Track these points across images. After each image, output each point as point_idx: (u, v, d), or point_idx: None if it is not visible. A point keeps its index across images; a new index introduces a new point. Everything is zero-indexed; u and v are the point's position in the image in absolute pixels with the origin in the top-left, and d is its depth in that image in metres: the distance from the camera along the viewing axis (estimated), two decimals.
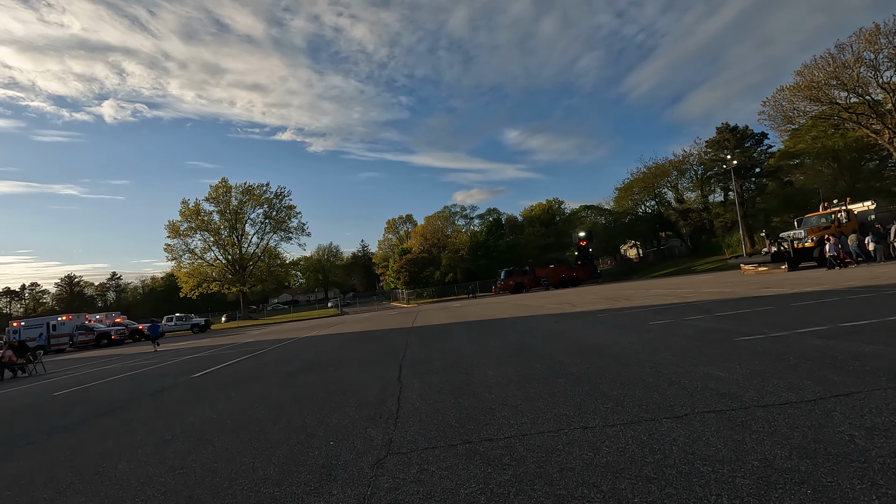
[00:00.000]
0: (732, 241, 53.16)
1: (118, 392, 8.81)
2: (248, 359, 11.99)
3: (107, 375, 12.47)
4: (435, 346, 9.29)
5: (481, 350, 7.99)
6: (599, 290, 26.67)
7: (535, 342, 8.09)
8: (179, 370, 11.36)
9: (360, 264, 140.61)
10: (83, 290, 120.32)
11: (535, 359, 6.47)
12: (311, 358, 10.18)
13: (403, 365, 7.39)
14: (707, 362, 5.03)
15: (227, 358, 13.02)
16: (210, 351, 16.99)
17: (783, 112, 36.66)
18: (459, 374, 6.04)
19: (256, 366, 10.10)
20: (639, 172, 62.39)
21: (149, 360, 16.48)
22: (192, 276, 62.22)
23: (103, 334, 34.93)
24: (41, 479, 3.92)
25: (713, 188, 58.14)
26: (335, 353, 10.42)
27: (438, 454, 3.29)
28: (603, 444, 3.10)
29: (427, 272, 69.06)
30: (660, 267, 60.29)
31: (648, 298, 15.34)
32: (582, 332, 8.77)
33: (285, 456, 3.67)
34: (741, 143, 47.55)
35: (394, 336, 13.05)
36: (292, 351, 12.75)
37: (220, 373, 9.67)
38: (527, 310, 16.91)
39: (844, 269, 19.33)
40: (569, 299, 20.15)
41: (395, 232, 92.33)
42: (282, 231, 67.59)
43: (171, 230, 61.86)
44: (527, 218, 75.38)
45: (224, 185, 63.54)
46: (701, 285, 19.35)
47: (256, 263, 66.80)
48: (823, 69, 31.63)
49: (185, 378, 9.50)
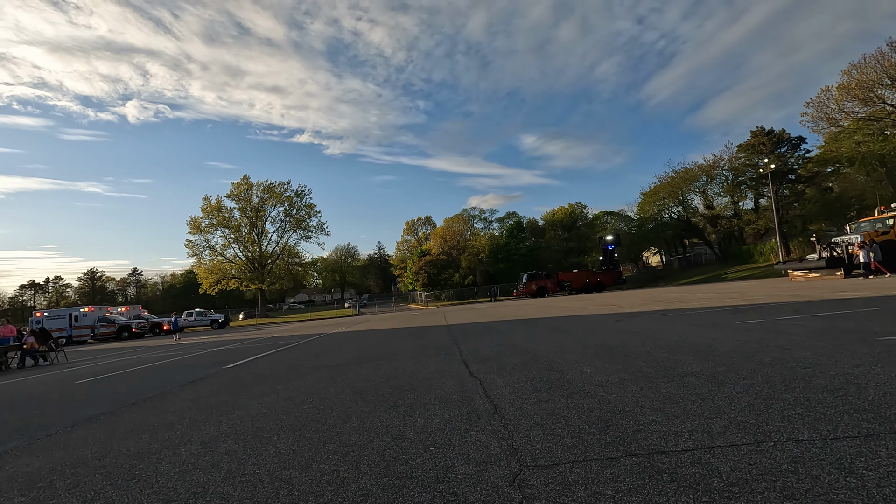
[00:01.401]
0: (765, 248, 51.24)
1: (148, 382, 8.08)
2: (281, 352, 11.22)
3: (132, 365, 11.81)
4: (492, 342, 8.37)
5: (555, 346, 7.04)
6: (637, 295, 25.47)
7: (615, 339, 7.12)
8: (210, 361, 10.63)
9: (376, 266, 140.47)
10: (105, 284, 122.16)
11: (631, 356, 5.51)
12: (356, 352, 9.34)
13: (467, 360, 6.49)
14: (878, 363, 4.03)
15: (256, 351, 12.28)
16: (235, 344, 16.32)
17: (826, 114, 35.03)
18: (547, 371, 5.11)
19: (292, 358, 9.30)
20: (666, 177, 60.78)
21: (173, 351, 15.87)
22: (212, 273, 62.33)
23: (124, 327, 34.78)
24: (63, 482, 3.09)
25: (744, 194, 56.24)
26: (380, 348, 9.56)
27: (600, 469, 2.38)
28: (854, 464, 2.15)
29: (446, 274, 68.19)
30: (687, 274, 58.46)
31: (705, 301, 14.21)
32: (663, 330, 7.77)
33: (376, 464, 2.79)
34: (777, 147, 45.73)
35: (433, 333, 12.17)
36: (327, 345, 11.95)
37: (255, 364, 8.89)
38: (568, 311, 15.90)
39: (877, 278, 18.29)
40: (611, 301, 19.05)
41: (413, 233, 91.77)
42: (301, 230, 67.48)
43: (193, 226, 62.13)
44: (548, 221, 74.11)
45: (246, 183, 63.67)
46: (754, 290, 18.11)
47: (276, 262, 66.71)
48: (874, 68, 30.03)
49: (217, 369, 8.73)
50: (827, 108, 33.72)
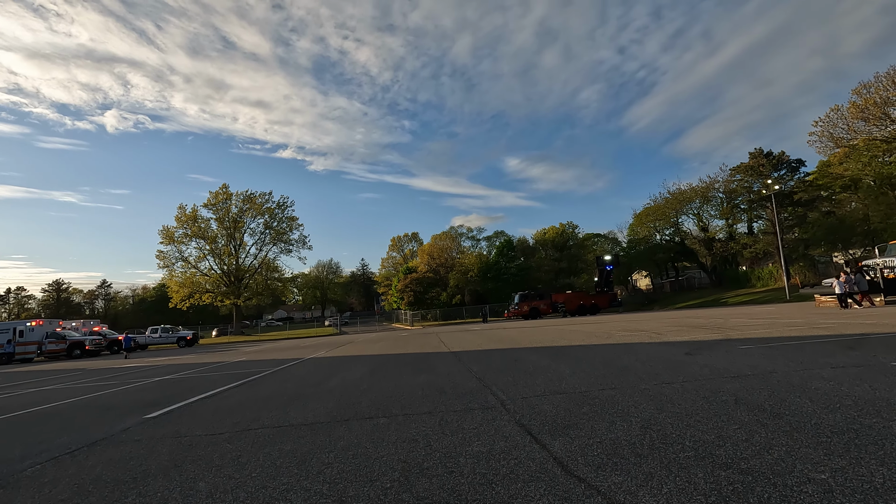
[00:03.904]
0: (763, 273, 49.91)
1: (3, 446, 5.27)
2: (239, 388, 8.44)
3: (25, 406, 8.86)
4: (539, 385, 5.79)
5: (654, 399, 4.49)
6: (656, 318, 23.17)
7: (736, 388, 4.62)
8: (134, 401, 7.79)
9: (359, 283, 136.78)
10: (70, 296, 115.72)
11: (824, 429, 3.02)
12: (341, 393, 6.67)
13: (532, 429, 3.89)
14: None
15: (209, 384, 9.46)
16: (190, 371, 13.37)
17: (832, 134, 33.95)
18: (724, 470, 2.57)
19: (250, 402, 6.58)
20: (661, 198, 59.61)
21: (108, 378, 12.85)
22: (184, 286, 58.43)
23: (76, 344, 31.05)
24: None
25: (739, 217, 55.24)
26: (375, 388, 6.89)
27: None
28: None
29: (433, 293, 65.40)
30: (682, 298, 56.80)
31: (757, 326, 11.88)
32: (785, 372, 5.31)
33: None
34: (777, 169, 44.75)
35: (440, 363, 9.53)
36: (302, 379, 9.21)
37: (191, 414, 6.14)
38: (591, 336, 13.42)
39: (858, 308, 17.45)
40: (639, 326, 16.63)
41: (399, 250, 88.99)
42: (282, 243, 64.15)
43: (165, 236, 58.36)
44: (539, 241, 72.31)
45: (224, 192, 60.39)
46: (791, 315, 15.95)
47: (253, 276, 63.09)
48: (886, 87, 28.95)
49: (131, 421, 5.93)
50: (835, 128, 32.57)
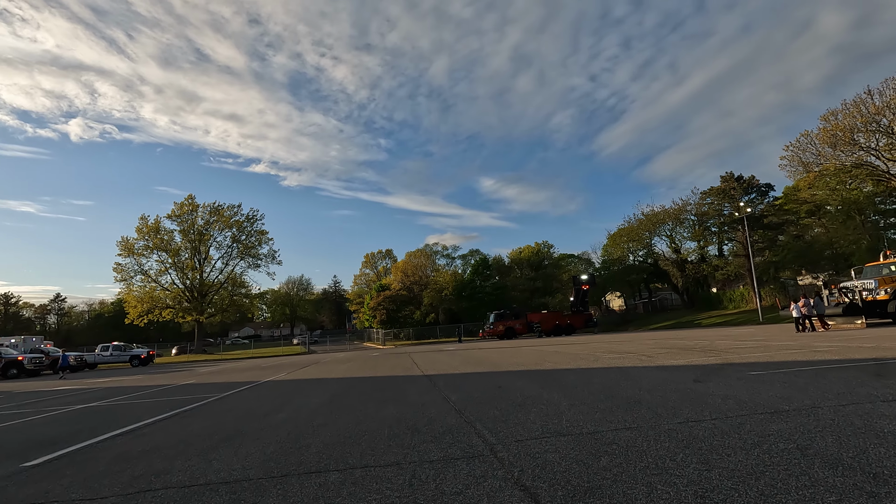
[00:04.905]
0: (735, 294, 50.50)
1: None
2: (169, 420, 7.04)
3: None
4: (534, 423, 4.69)
5: (685, 445, 3.46)
6: (630, 339, 22.45)
7: (784, 429, 3.64)
8: (26, 439, 6.30)
9: (330, 301, 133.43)
10: (20, 311, 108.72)
11: None
12: (285, 431, 5.40)
13: (543, 498, 2.79)
14: None
15: (133, 416, 7.99)
16: (124, 397, 11.72)
17: (801, 159, 34.73)
18: None
19: (172, 443, 5.25)
20: (634, 219, 60.18)
21: (26, 406, 11.08)
22: (143, 301, 55.19)
23: (11, 363, 28.28)
24: None
25: (711, 239, 56.10)
26: (332, 425, 5.64)
27: None
28: None
29: (407, 311, 63.87)
30: (655, 319, 56.95)
31: (751, 351, 11.14)
32: (815, 406, 4.38)
33: None
34: (747, 192, 45.69)
35: (412, 389, 8.33)
36: (248, 408, 7.86)
37: (88, 460, 4.78)
38: (577, 359, 12.45)
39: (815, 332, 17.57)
40: (622, 347, 15.77)
41: (373, 267, 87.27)
42: (250, 257, 61.67)
43: (124, 248, 55.26)
44: (515, 260, 71.89)
45: (190, 203, 57.84)
46: (777, 337, 15.41)
47: (218, 291, 60.29)
48: (854, 115, 29.75)
49: (0, 472, 4.54)
50: (804, 153, 33.32)
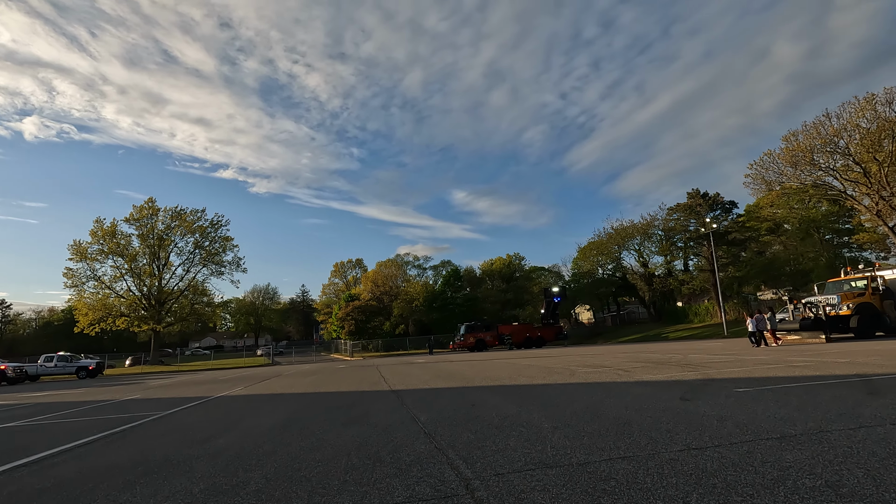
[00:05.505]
0: (700, 309, 51.55)
1: None
2: (90, 446, 6.07)
3: None
4: (526, 453, 4.07)
5: (696, 482, 2.89)
6: (603, 352, 22.19)
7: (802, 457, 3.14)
8: None
9: (298, 311, 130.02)
10: None
11: None
12: (224, 460, 4.59)
13: None
14: None
15: (52, 440, 6.94)
16: (53, 414, 10.46)
17: (764, 178, 35.84)
18: None
19: (79, 479, 4.35)
20: (604, 233, 61.03)
21: None
22: (94, 309, 52.02)
23: None
24: None
25: (677, 254, 57.35)
26: (278, 455, 4.85)
27: None
28: None
29: (376, 322, 62.56)
30: (624, 332, 57.60)
31: (727, 366, 10.89)
32: (823, 430, 3.94)
33: None
34: (712, 209, 46.96)
35: (377, 408, 7.58)
36: (187, 431, 6.93)
37: None
38: (552, 373, 11.94)
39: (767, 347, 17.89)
40: (596, 361, 15.36)
41: (342, 276, 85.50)
42: (213, 264, 59.23)
43: (76, 252, 52.08)
44: (486, 272, 71.64)
45: (150, 206, 55.17)
46: (749, 352, 15.36)
47: (178, 299, 57.54)
48: (815, 137, 30.89)
49: None
50: (767, 172, 34.38)
